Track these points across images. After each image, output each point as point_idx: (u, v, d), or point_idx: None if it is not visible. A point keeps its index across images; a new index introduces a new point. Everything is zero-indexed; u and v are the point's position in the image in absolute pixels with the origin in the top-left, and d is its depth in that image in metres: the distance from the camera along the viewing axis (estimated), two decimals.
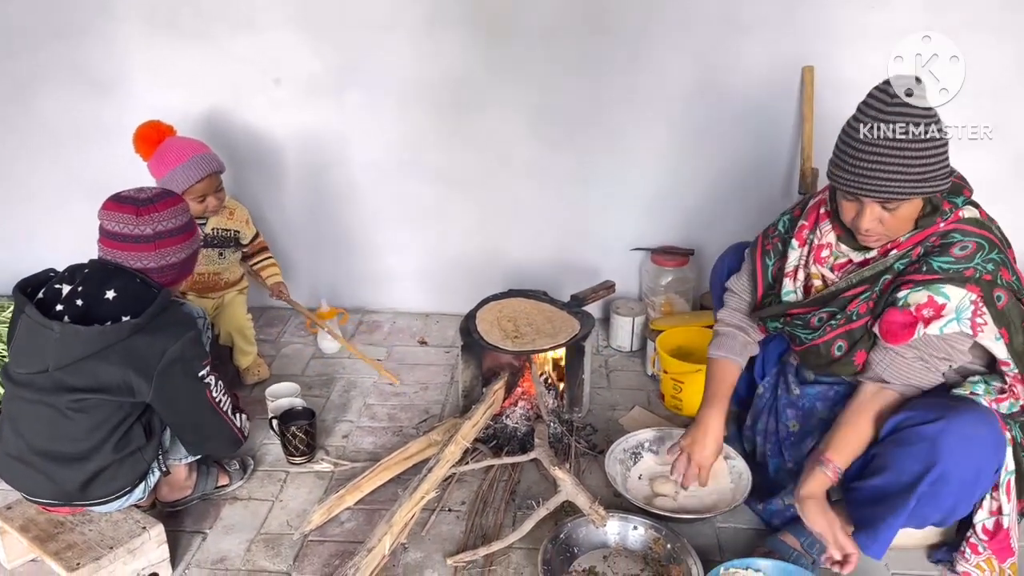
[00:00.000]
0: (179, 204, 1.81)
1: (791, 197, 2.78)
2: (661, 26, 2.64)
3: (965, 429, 1.55)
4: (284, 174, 2.93)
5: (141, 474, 1.78)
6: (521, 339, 2.27)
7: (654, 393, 2.59)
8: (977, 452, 1.56)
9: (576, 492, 1.88)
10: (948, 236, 1.60)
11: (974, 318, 1.58)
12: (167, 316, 1.71)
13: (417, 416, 2.47)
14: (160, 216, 1.75)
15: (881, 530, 1.65)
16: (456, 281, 3.04)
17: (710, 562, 1.79)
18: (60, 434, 1.68)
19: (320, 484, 2.15)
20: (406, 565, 1.86)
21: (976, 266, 1.57)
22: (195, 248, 1.85)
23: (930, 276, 1.59)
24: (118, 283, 1.69)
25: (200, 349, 1.77)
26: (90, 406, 1.66)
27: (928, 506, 1.61)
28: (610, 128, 2.78)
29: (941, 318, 1.58)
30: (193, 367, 1.74)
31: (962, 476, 1.57)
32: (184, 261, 1.81)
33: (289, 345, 2.90)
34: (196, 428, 1.82)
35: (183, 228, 1.80)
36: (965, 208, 1.63)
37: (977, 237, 1.59)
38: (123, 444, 1.72)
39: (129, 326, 1.63)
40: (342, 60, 2.76)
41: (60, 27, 2.77)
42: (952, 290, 1.57)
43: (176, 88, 2.80)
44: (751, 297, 1.98)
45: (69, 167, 2.92)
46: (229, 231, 2.54)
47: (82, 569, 1.68)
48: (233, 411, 1.87)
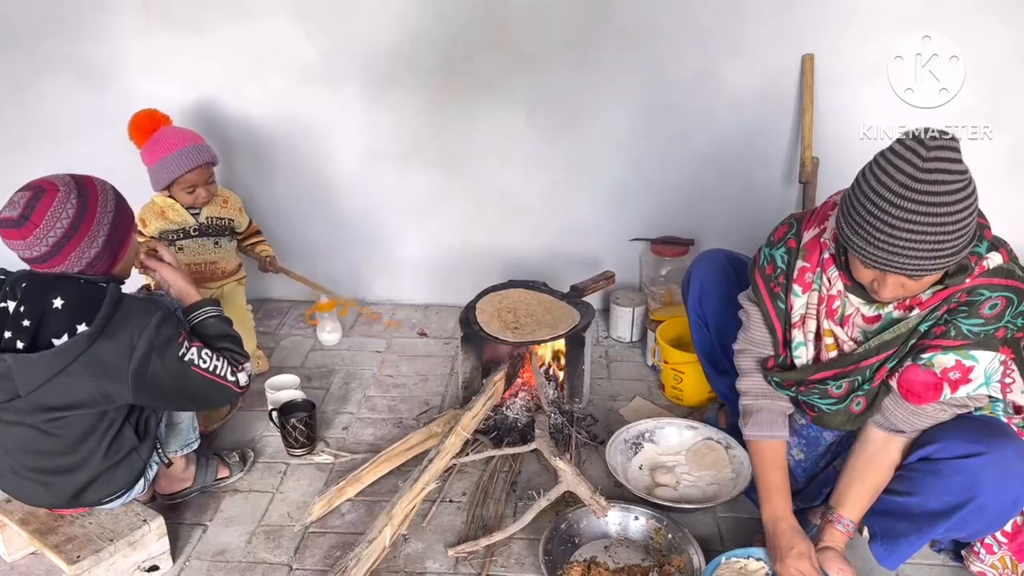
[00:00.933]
0: (54, 200, 1.58)
1: (791, 186, 2.77)
2: (660, 14, 2.62)
3: (1008, 465, 1.49)
4: (281, 164, 2.93)
5: (138, 472, 1.77)
6: (521, 330, 2.27)
7: (654, 383, 2.58)
8: (1018, 486, 1.51)
9: (577, 482, 1.88)
10: (975, 292, 1.47)
11: (1003, 379, 1.52)
12: (123, 312, 1.61)
13: (417, 407, 2.46)
14: (44, 228, 1.57)
15: (902, 546, 1.63)
16: (455, 272, 3.03)
17: (711, 552, 1.79)
18: (45, 451, 1.66)
19: (320, 476, 2.15)
20: (407, 556, 1.86)
21: (1007, 324, 1.48)
22: (110, 220, 1.64)
23: (959, 342, 1.48)
24: (62, 290, 1.59)
25: (169, 329, 1.65)
26: (70, 422, 1.63)
27: (956, 531, 1.59)
28: (609, 118, 2.77)
29: (969, 382, 1.50)
30: (169, 352, 1.64)
31: (1000, 508, 1.53)
32: (107, 242, 1.64)
33: (288, 337, 2.89)
34: (193, 402, 1.80)
35: (77, 219, 1.59)
36: (989, 256, 1.48)
37: (1005, 291, 1.47)
38: (114, 450, 1.70)
39: (84, 337, 1.56)
40: (338, 49, 2.74)
41: (56, 19, 2.75)
42: (982, 354, 1.48)
43: (172, 78, 2.79)
44: (775, 349, 1.74)
45: (66, 159, 2.89)
46: (223, 220, 2.54)
47: (83, 562, 1.68)
48: (231, 366, 1.77)
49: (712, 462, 2.10)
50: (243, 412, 2.41)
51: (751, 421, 1.78)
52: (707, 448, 2.13)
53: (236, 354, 1.81)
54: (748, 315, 1.79)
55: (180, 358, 1.66)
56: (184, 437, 1.95)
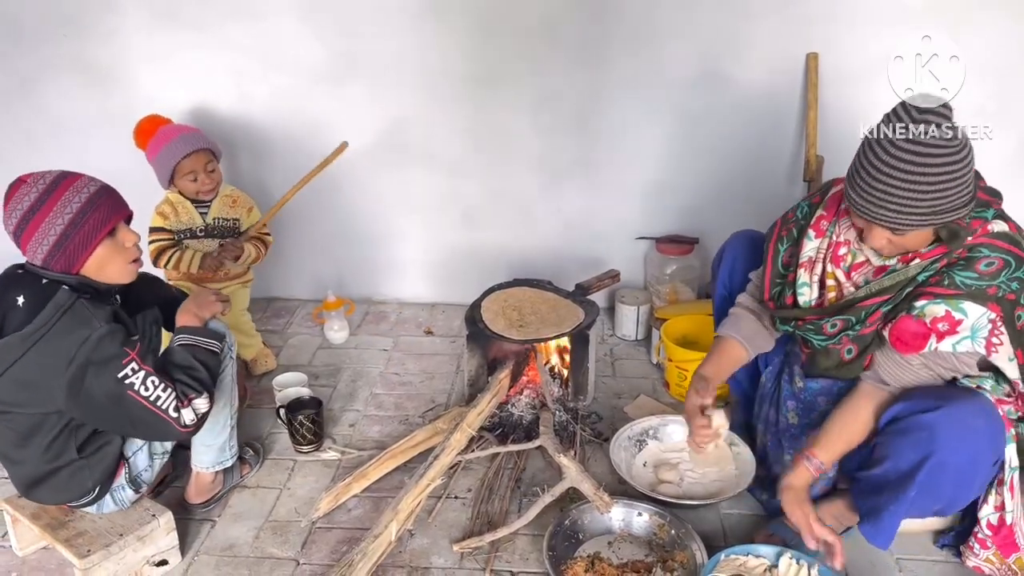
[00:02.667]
0: (18, 189, 1.62)
1: (796, 184, 2.78)
2: (664, 13, 2.63)
3: (963, 418, 1.54)
4: (286, 163, 2.94)
5: (87, 491, 1.75)
6: (526, 328, 2.28)
7: (659, 381, 2.59)
8: (973, 440, 1.55)
9: (581, 479, 1.89)
10: (975, 250, 1.54)
11: (990, 337, 1.54)
12: (67, 321, 1.58)
13: (423, 405, 2.48)
14: (6, 214, 1.62)
15: (884, 519, 1.65)
16: (461, 271, 3.05)
17: (714, 548, 1.80)
18: (3, 439, 1.72)
19: (327, 472, 2.17)
20: (412, 551, 1.88)
21: (1000, 284, 1.52)
22: (69, 219, 1.60)
23: (951, 291, 1.54)
24: (25, 288, 1.62)
25: (111, 348, 1.59)
26: (16, 418, 1.67)
27: (928, 496, 1.60)
28: (613, 116, 2.78)
29: (956, 334, 1.54)
30: (107, 370, 1.59)
31: (959, 464, 1.55)
32: (60, 239, 1.60)
33: (296, 335, 2.91)
34: (135, 428, 1.70)
35: (31, 211, 1.60)
36: (995, 222, 1.56)
37: (1005, 253, 1.52)
38: (52, 455, 1.69)
39: (18, 339, 1.57)
40: (344, 49, 2.76)
41: (62, 19, 2.78)
42: (972, 307, 1.52)
43: (178, 78, 2.82)
44: (760, 283, 1.90)
45: (74, 158, 2.90)
46: (229, 220, 2.54)
47: (93, 556, 1.70)
48: (177, 400, 1.66)
49: (716, 459, 2.10)
50: (251, 409, 2.43)
51: (727, 322, 1.93)
52: (711, 445, 2.14)
53: (188, 388, 1.69)
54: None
55: (119, 379, 1.59)
56: (217, 456, 1.97)
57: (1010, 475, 1.65)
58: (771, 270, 1.86)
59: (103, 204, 1.65)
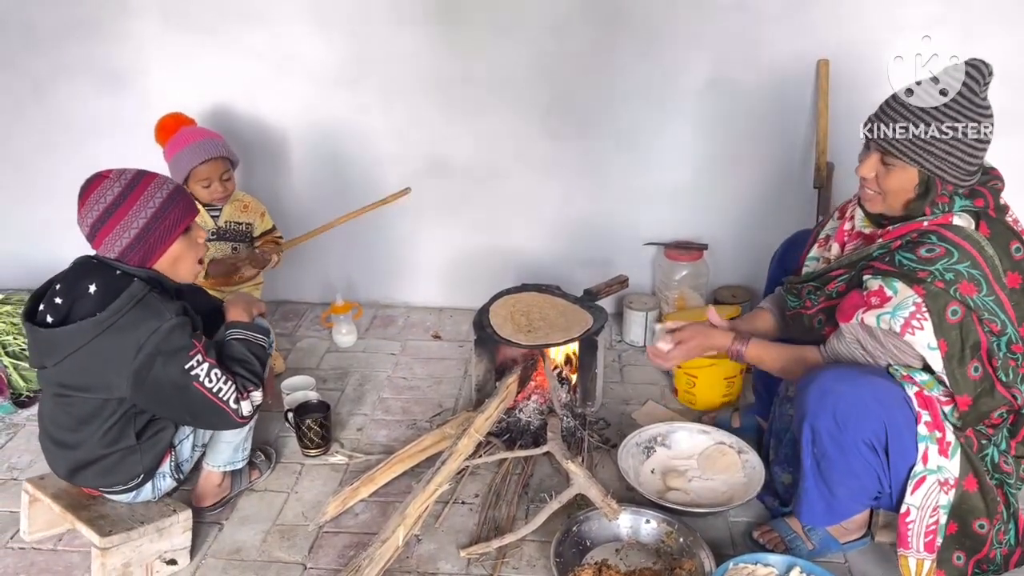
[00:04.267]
0: (100, 185, 1.69)
1: (806, 191, 2.77)
2: (675, 19, 2.63)
3: (824, 383, 1.61)
4: (298, 168, 2.96)
5: (136, 475, 1.79)
6: (534, 333, 2.28)
7: (667, 387, 2.59)
8: (832, 405, 1.59)
9: (588, 485, 1.89)
10: (925, 236, 1.58)
11: (910, 319, 1.54)
12: (139, 311, 1.65)
13: (431, 409, 2.48)
14: (86, 209, 1.69)
15: (804, 500, 1.72)
16: (470, 276, 3.05)
17: (722, 556, 1.79)
18: (56, 422, 1.78)
19: (335, 476, 2.17)
20: (420, 557, 1.88)
21: (934, 271, 1.54)
22: (149, 215, 1.69)
23: (889, 268, 1.60)
24: (98, 277, 1.68)
25: (181, 340, 1.67)
26: (76, 402, 1.72)
27: (827, 470, 1.65)
28: (623, 122, 2.78)
29: (880, 308, 1.57)
30: (174, 361, 1.67)
31: (828, 429, 1.60)
32: (140, 235, 1.68)
33: (305, 339, 2.92)
34: (193, 418, 1.80)
35: (113, 206, 1.67)
36: (959, 215, 1.59)
37: (951, 244, 1.55)
38: (109, 441, 1.73)
39: (90, 324, 1.62)
40: (354, 54, 2.77)
41: (77, 24, 2.80)
42: (901, 286, 1.56)
43: (191, 82, 2.83)
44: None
45: (87, 162, 2.91)
46: (241, 224, 2.56)
47: (113, 536, 1.73)
48: (237, 393, 1.76)
49: (724, 466, 2.10)
50: (261, 413, 2.42)
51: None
52: (719, 452, 2.13)
53: (247, 381, 1.80)
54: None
55: (185, 370, 1.68)
56: (231, 456, 1.98)
57: (920, 474, 1.60)
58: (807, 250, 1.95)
59: (181, 201, 1.75)
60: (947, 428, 1.59)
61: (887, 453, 1.60)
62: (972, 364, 1.57)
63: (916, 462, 1.60)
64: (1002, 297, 1.56)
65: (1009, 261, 1.58)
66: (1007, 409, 1.64)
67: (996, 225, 1.59)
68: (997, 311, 1.55)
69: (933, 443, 1.58)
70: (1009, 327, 1.57)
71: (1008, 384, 1.61)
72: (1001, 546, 1.68)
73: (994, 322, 1.56)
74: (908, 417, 1.58)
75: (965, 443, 1.62)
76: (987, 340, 1.57)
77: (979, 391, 1.59)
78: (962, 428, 1.62)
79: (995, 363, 1.59)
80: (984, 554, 1.67)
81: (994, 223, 1.59)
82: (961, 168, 1.57)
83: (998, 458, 1.67)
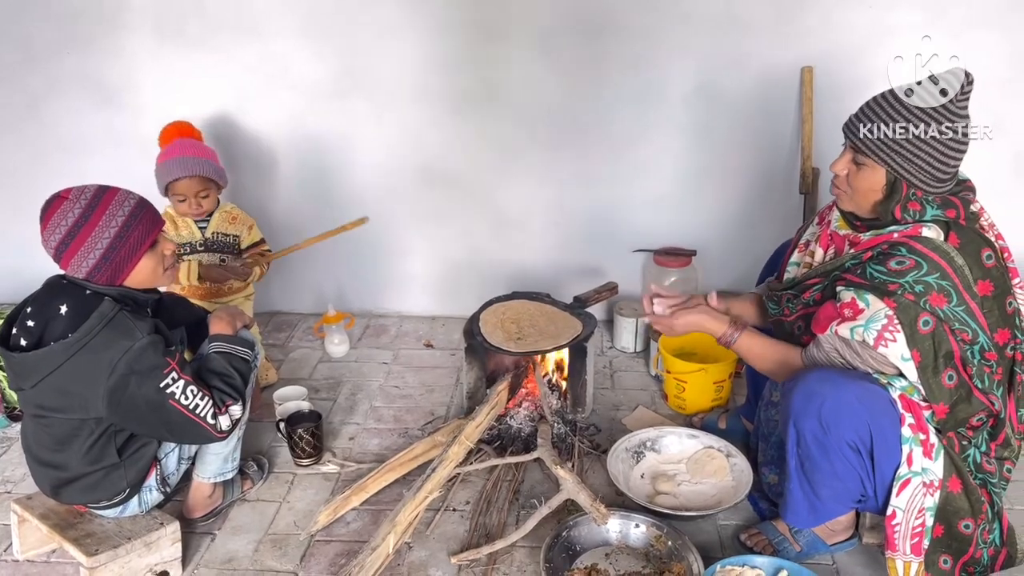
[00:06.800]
0: (60, 206, 1.66)
1: (792, 197, 2.80)
2: (662, 29, 2.66)
3: (808, 386, 1.62)
4: (290, 179, 2.98)
5: (120, 491, 1.79)
6: (524, 340, 2.30)
7: (657, 393, 2.60)
8: (817, 407, 1.59)
9: (578, 490, 1.90)
10: (895, 248, 1.60)
11: (883, 331, 1.56)
12: (110, 330, 1.63)
13: (422, 418, 2.49)
14: (48, 231, 1.66)
15: (789, 502, 1.74)
16: (461, 284, 3.07)
17: (711, 559, 1.81)
18: (39, 442, 1.78)
19: (327, 485, 2.18)
20: (411, 564, 1.89)
21: (904, 283, 1.55)
22: (113, 233, 1.66)
23: (861, 280, 1.61)
24: (68, 298, 1.67)
25: (154, 358, 1.66)
26: (56, 423, 1.72)
27: (811, 472, 1.66)
28: (611, 130, 2.81)
29: (854, 321, 1.59)
30: (149, 379, 1.66)
31: (813, 431, 1.61)
32: (106, 254, 1.66)
33: (297, 349, 2.94)
34: (172, 434, 1.78)
35: (75, 227, 1.65)
36: (929, 226, 1.60)
37: (920, 256, 1.56)
38: (92, 459, 1.73)
39: (62, 347, 1.61)
40: (347, 65, 2.80)
41: (71, 38, 2.83)
42: (872, 299, 1.57)
43: (184, 96, 2.85)
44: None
45: (81, 176, 2.94)
46: (228, 236, 2.57)
47: (100, 555, 1.73)
48: (215, 407, 1.75)
49: (713, 470, 2.12)
50: (252, 423, 2.43)
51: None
52: (708, 456, 2.15)
53: (224, 395, 1.78)
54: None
55: (160, 388, 1.67)
56: (220, 467, 1.98)
57: (905, 476, 1.61)
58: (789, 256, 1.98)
59: (144, 217, 1.72)
60: (930, 430, 1.61)
61: (872, 456, 1.62)
62: (946, 373, 1.58)
63: (901, 464, 1.61)
64: (972, 306, 1.57)
65: (980, 269, 1.59)
66: (986, 414, 1.65)
67: (966, 234, 1.60)
68: (968, 320, 1.57)
69: (917, 445, 1.60)
70: (981, 335, 1.58)
71: (985, 390, 1.62)
72: (987, 546, 1.69)
73: (965, 331, 1.57)
74: (893, 419, 1.59)
75: (948, 444, 1.64)
76: (960, 348, 1.58)
77: (955, 398, 1.60)
78: (942, 432, 1.64)
79: (970, 371, 1.60)
80: (970, 555, 1.68)
81: (964, 232, 1.60)
82: (928, 173, 1.58)
83: (980, 459, 1.68)
